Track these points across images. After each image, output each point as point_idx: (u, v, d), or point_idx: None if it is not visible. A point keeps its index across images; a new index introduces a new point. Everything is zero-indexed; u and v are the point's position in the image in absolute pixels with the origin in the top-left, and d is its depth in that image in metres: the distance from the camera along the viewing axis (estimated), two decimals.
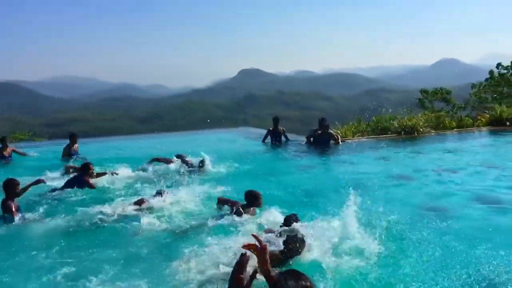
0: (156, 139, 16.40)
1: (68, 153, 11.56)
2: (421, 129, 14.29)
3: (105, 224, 6.02)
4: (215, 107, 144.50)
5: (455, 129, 15.19)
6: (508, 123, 15.37)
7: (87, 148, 12.39)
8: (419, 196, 7.12)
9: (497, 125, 15.48)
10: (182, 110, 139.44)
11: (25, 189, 6.95)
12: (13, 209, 6.36)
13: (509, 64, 23.86)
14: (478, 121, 16.01)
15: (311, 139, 12.68)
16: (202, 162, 9.34)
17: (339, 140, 12.59)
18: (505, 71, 23.99)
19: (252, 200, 6.15)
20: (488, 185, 7.95)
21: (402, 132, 14.04)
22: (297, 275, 2.56)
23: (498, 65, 24.62)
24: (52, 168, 9.40)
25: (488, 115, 16.13)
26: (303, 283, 2.51)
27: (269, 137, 13.42)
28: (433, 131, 14.66)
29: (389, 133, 14.26)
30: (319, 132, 12.51)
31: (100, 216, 6.21)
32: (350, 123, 15.35)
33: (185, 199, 6.76)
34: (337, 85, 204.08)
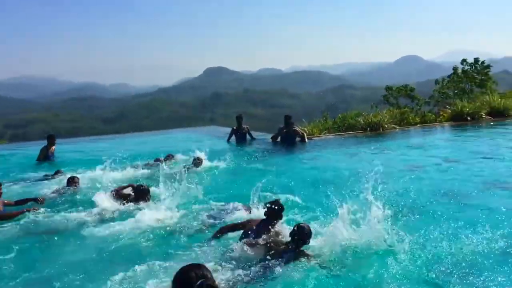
0: (120, 139, 15.96)
1: (46, 154, 11.18)
2: (386, 125, 14.40)
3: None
4: (181, 106, 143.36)
5: (418, 125, 15.39)
6: (469, 118, 15.69)
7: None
8: (387, 190, 7.02)
9: (459, 120, 15.77)
10: (147, 109, 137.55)
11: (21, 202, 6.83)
12: None
13: (472, 61, 24.35)
14: (441, 117, 16.28)
15: (278, 137, 12.53)
16: (197, 159, 9.41)
17: (305, 138, 12.48)
18: (469, 67, 24.47)
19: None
20: (449, 178, 8.02)
21: (368, 129, 14.09)
22: (198, 266, 2.62)
23: (463, 61, 25.04)
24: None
25: (449, 111, 16.43)
26: (203, 272, 2.56)
27: (233, 136, 13.21)
28: (397, 127, 14.80)
29: (355, 130, 14.29)
30: (285, 130, 12.37)
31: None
32: (317, 121, 15.29)
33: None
34: (303, 83, 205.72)
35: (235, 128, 13.25)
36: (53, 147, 11.41)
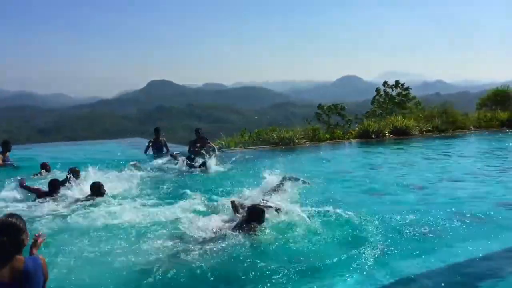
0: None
1: (2, 159, 11.43)
2: (296, 141, 15.60)
3: None
4: (123, 119, 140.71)
5: (327, 141, 16.74)
6: (373, 136, 17.25)
7: None
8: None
9: (365, 138, 17.30)
10: (86, 121, 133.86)
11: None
12: None
13: (393, 83, 26.09)
14: (349, 134, 17.76)
15: (190, 148, 13.34)
16: (204, 162, 11.00)
17: (216, 151, 13.33)
18: (390, 89, 26.26)
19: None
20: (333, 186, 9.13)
21: (280, 143, 15.21)
22: None
23: (384, 83, 26.85)
24: None
25: (357, 129, 17.96)
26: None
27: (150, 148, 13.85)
28: (307, 142, 16.06)
29: (269, 144, 15.37)
30: (197, 144, 13.19)
31: None
32: (235, 135, 16.27)
33: None
34: (247, 99, 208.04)
35: (152, 140, 13.89)
36: (8, 153, 11.72)
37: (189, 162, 11.34)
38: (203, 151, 12.59)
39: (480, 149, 15.39)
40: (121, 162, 10.98)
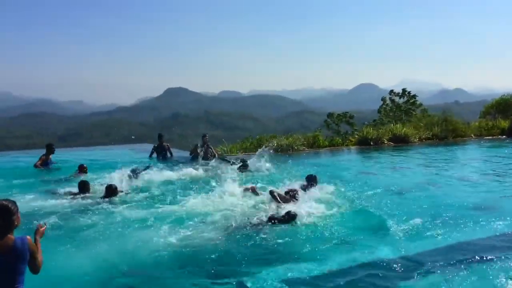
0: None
1: (44, 161, 12.57)
2: (295, 147, 16.21)
3: None
4: (140, 126, 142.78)
5: (326, 147, 17.30)
6: (372, 143, 17.75)
7: None
8: None
9: (364, 145, 17.80)
10: (104, 128, 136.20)
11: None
12: None
13: (400, 91, 26.40)
14: (348, 141, 18.29)
15: (193, 153, 14.08)
16: (244, 164, 11.80)
17: (217, 155, 14.05)
18: (397, 97, 26.56)
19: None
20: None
21: (279, 150, 15.83)
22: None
23: (391, 91, 27.18)
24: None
25: (357, 136, 18.48)
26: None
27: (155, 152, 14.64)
28: (306, 149, 16.64)
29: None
30: (200, 147, 13.97)
31: None
32: (238, 142, 16.99)
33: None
34: (263, 107, 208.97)
35: (156, 145, 14.70)
36: (51, 155, 12.80)
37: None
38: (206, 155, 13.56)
39: (467, 156, 15.85)
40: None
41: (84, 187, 9.24)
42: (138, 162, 13.57)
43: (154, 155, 14.65)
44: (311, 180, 9.21)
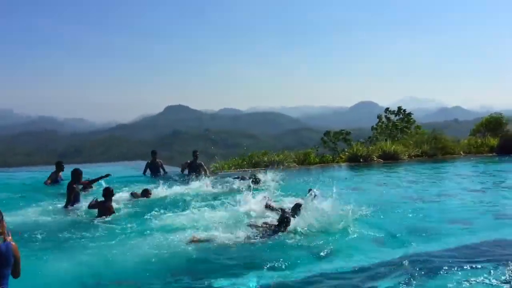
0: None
1: (55, 179, 12.94)
2: (286, 164, 16.63)
3: None
4: (139, 144, 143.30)
5: (317, 164, 17.73)
6: (361, 160, 18.17)
7: None
8: None
9: (354, 161, 18.21)
10: (104, 146, 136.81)
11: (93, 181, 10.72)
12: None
13: (396, 109, 26.83)
14: (338, 158, 18.72)
15: (185, 170, 14.53)
16: (256, 179, 12.39)
17: (207, 172, 14.47)
18: (392, 115, 26.96)
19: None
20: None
21: (269, 166, 16.23)
22: None
23: (386, 109, 27.57)
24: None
25: (347, 153, 18.91)
26: None
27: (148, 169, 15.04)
28: (296, 165, 17.06)
29: (260, 166, 16.42)
30: (189, 163, 14.47)
31: None
32: (231, 158, 17.45)
33: None
34: (262, 124, 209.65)
35: (149, 161, 15.08)
36: (61, 172, 13.19)
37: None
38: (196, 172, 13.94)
39: (452, 173, 16.26)
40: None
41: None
42: (131, 178, 14.08)
43: (148, 172, 15.02)
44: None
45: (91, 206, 9.29)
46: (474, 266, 5.96)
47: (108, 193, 9.22)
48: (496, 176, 15.24)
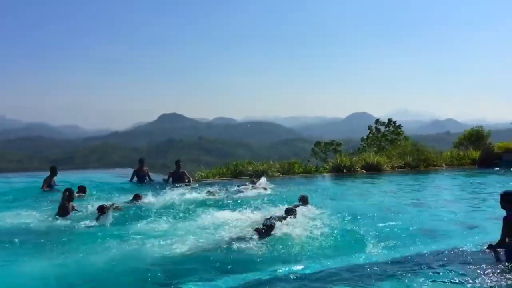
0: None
1: (49, 184, 13.28)
2: (270, 173, 17.02)
3: None
4: (133, 151, 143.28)
5: (301, 174, 18.12)
6: (344, 170, 18.59)
7: None
8: None
9: (337, 172, 18.62)
10: (97, 153, 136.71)
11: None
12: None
13: (386, 121, 27.27)
14: (322, 168, 19.14)
15: (170, 178, 14.93)
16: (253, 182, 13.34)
17: (191, 180, 14.90)
18: (382, 126, 27.39)
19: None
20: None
21: (254, 175, 16.62)
22: None
23: (377, 121, 28.01)
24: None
25: (331, 164, 19.33)
26: None
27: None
28: (280, 175, 17.46)
29: (244, 175, 16.80)
30: (172, 172, 14.94)
31: None
32: (216, 167, 17.84)
33: None
34: (256, 134, 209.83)
35: (136, 169, 15.46)
36: (54, 178, 13.47)
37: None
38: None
39: (430, 184, 16.75)
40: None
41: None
42: (118, 185, 14.44)
43: (135, 179, 15.39)
44: (303, 201, 10.31)
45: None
46: (433, 271, 6.34)
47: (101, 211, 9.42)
48: (472, 187, 15.70)
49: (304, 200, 10.31)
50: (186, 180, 14.83)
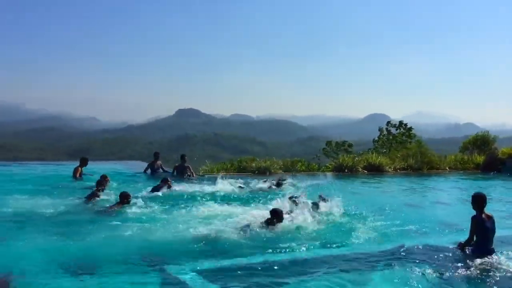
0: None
1: (80, 173, 14.28)
2: (272, 170, 17.56)
3: None
4: (149, 145, 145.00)
5: (303, 172, 18.61)
6: (346, 170, 19.00)
7: None
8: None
9: (339, 171, 19.02)
10: (114, 146, 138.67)
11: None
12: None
13: (397, 123, 27.47)
14: (324, 167, 19.59)
15: (174, 171, 15.73)
16: (279, 182, 13.53)
17: (194, 174, 15.62)
18: (393, 128, 27.57)
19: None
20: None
21: (256, 172, 17.19)
22: None
23: (388, 123, 28.19)
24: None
25: (333, 163, 19.76)
26: None
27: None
28: (283, 172, 17.96)
29: (248, 171, 17.36)
30: (177, 166, 15.87)
31: None
32: (221, 162, 18.50)
33: None
34: (273, 131, 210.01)
35: (151, 162, 16.34)
36: (81, 168, 14.45)
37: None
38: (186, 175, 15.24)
39: (429, 186, 17.01)
40: None
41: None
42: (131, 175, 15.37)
43: (148, 170, 16.17)
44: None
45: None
46: (408, 264, 6.88)
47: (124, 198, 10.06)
48: (470, 191, 15.92)
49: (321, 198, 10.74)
50: (188, 173, 15.52)
